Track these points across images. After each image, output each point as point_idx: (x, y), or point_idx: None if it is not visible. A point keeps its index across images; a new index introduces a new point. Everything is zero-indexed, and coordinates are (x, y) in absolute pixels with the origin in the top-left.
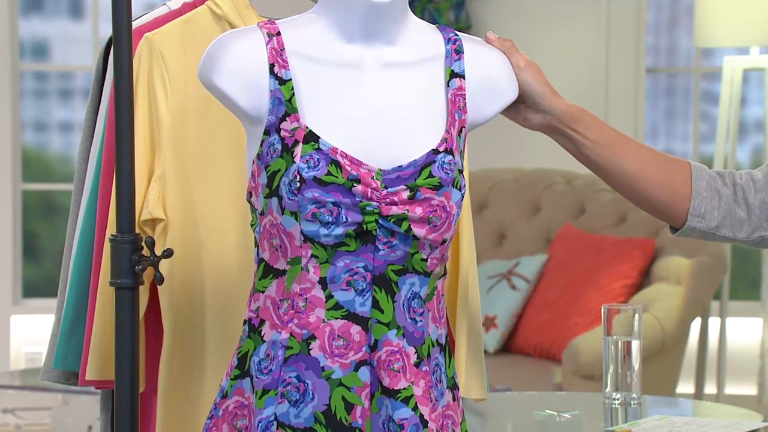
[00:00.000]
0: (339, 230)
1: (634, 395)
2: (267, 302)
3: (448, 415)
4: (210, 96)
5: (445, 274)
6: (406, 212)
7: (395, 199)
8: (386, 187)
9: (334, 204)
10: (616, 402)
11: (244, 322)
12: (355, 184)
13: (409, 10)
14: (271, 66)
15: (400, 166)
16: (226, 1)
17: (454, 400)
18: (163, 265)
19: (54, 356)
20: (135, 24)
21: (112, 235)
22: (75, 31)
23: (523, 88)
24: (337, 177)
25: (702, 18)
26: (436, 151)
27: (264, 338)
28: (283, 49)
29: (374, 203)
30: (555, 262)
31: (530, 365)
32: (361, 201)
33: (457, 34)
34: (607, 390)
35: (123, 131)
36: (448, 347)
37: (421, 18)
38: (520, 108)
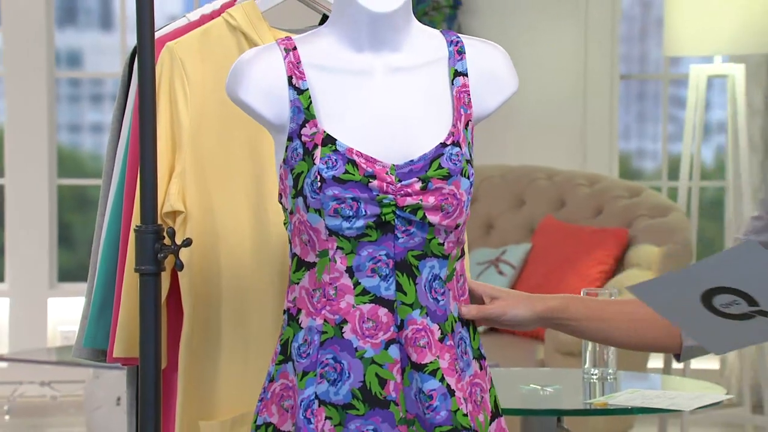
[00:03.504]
0: (360, 223)
1: (610, 371)
2: (302, 293)
3: (476, 383)
4: (226, 100)
5: (462, 255)
6: (420, 202)
7: (409, 190)
8: (400, 181)
9: (353, 199)
10: (594, 377)
11: (284, 311)
12: (371, 180)
13: (413, 17)
14: (290, 78)
15: (412, 161)
16: (240, 14)
17: (481, 369)
18: (183, 253)
19: (84, 336)
20: (157, 34)
21: (136, 226)
22: (105, 42)
23: (518, 323)
24: (354, 174)
25: (670, 29)
26: (444, 145)
27: (301, 325)
28: (300, 62)
29: (390, 196)
30: (538, 250)
31: (516, 343)
32: (378, 195)
33: (458, 36)
34: (586, 366)
35: (146, 132)
36: (471, 322)
37: None
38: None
